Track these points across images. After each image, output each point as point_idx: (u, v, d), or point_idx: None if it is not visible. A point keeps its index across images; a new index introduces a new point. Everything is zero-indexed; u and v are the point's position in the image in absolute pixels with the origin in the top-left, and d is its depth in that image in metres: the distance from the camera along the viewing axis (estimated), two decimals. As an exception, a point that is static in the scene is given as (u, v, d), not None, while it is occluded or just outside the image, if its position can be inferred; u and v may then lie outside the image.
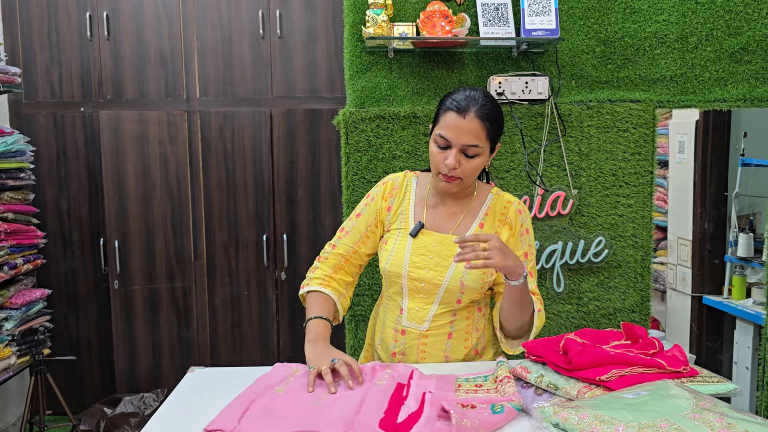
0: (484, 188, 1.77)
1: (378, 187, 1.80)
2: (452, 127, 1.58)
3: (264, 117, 3.65)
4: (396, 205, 1.76)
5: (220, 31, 3.67)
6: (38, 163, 3.63)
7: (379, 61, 2.43)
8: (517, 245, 1.72)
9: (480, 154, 1.61)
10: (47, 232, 3.65)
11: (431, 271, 1.66)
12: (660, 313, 4.25)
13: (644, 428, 1.04)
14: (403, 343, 1.71)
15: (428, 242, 1.68)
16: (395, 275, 1.69)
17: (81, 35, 3.65)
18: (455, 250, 1.64)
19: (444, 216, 1.72)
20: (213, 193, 3.69)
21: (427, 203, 1.74)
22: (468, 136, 1.58)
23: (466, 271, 1.64)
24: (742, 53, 2.47)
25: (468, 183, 1.67)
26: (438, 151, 1.62)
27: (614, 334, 1.49)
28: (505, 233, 1.71)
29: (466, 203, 1.73)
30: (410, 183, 1.78)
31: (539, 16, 2.30)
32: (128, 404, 3.44)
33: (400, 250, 1.69)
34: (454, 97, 1.61)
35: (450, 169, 1.60)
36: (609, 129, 2.46)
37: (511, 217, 1.72)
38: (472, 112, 1.57)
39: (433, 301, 1.68)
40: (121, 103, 3.68)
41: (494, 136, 1.63)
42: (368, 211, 1.78)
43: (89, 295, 3.79)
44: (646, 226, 2.51)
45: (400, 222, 1.73)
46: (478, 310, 1.75)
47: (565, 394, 1.36)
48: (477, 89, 1.63)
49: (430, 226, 1.71)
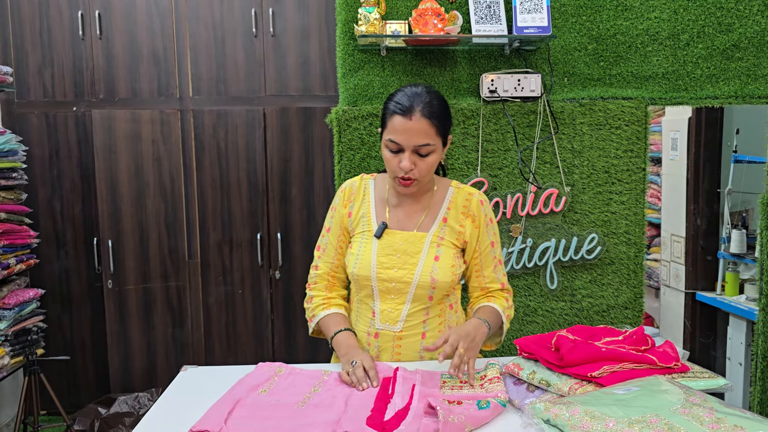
0: (443, 182, 1.78)
1: (337, 196, 1.80)
2: (400, 131, 1.57)
3: (257, 116, 3.65)
4: (356, 209, 1.75)
5: (213, 29, 3.66)
6: (31, 162, 3.62)
7: (371, 59, 2.42)
8: (484, 236, 1.74)
9: (433, 151, 1.61)
10: (40, 231, 3.63)
11: (400, 269, 1.66)
12: (654, 309, 4.26)
13: (634, 423, 1.05)
14: (377, 346, 1.70)
15: (394, 241, 1.68)
16: (364, 278, 1.68)
17: (73, 34, 3.63)
18: (422, 246, 1.67)
19: (407, 214, 1.73)
20: (207, 192, 3.68)
21: (388, 203, 1.74)
22: (418, 137, 1.57)
23: (436, 265, 1.66)
24: (734, 50, 2.48)
25: (425, 181, 1.68)
26: (391, 155, 1.62)
27: (606, 330, 1.50)
28: (469, 225, 1.72)
29: (427, 199, 1.74)
30: (368, 186, 1.78)
31: (531, 13, 2.30)
32: (123, 404, 3.43)
33: (367, 252, 1.68)
34: (396, 99, 1.59)
35: (406, 171, 1.60)
36: (601, 126, 2.47)
37: (474, 209, 1.73)
38: (417, 112, 1.56)
39: (405, 300, 1.68)
40: (113, 103, 3.67)
41: (444, 131, 1.63)
42: (334, 223, 1.78)
43: (83, 294, 3.78)
44: (638, 222, 2.51)
45: (363, 225, 1.73)
46: (449, 308, 1.76)
47: (557, 390, 1.37)
48: (419, 86, 1.63)
49: (394, 225, 1.71)
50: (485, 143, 2.45)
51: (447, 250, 1.69)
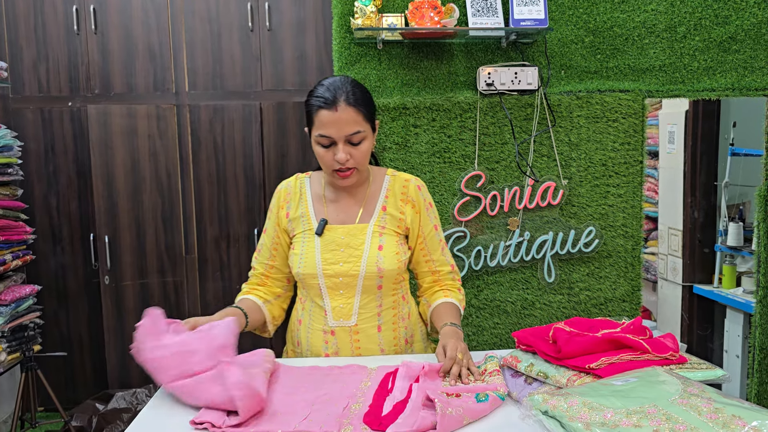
0: (379, 172, 1.78)
1: (273, 198, 1.79)
2: (328, 124, 1.57)
3: (254, 110, 3.64)
4: (293, 209, 1.74)
5: (209, 24, 3.65)
6: (26, 158, 3.60)
7: (368, 53, 2.42)
8: (426, 220, 1.75)
9: (365, 138, 1.61)
10: (36, 227, 3.62)
11: (345, 263, 1.66)
12: (651, 303, 4.27)
13: (632, 414, 1.05)
14: (335, 343, 1.69)
15: (336, 236, 1.68)
16: (310, 277, 1.67)
17: (68, 29, 3.62)
18: (364, 237, 1.67)
19: (346, 207, 1.72)
20: (203, 187, 3.67)
21: (325, 199, 1.73)
22: (347, 126, 1.57)
23: (381, 254, 1.66)
24: (731, 42, 2.47)
25: (363, 170, 1.68)
26: (324, 151, 1.61)
27: (604, 322, 1.50)
28: (409, 211, 1.73)
29: (363, 191, 1.74)
30: (303, 184, 1.77)
31: (528, 6, 2.29)
32: (120, 400, 3.43)
33: (310, 251, 1.67)
34: (318, 94, 1.59)
35: (343, 163, 1.59)
36: (598, 119, 2.47)
37: (412, 195, 1.74)
38: (342, 101, 1.56)
39: (355, 293, 1.67)
40: (109, 98, 3.66)
41: (371, 117, 1.63)
42: (270, 225, 1.78)
43: (80, 290, 3.77)
44: (636, 215, 2.51)
45: (303, 224, 1.72)
46: (402, 299, 1.76)
47: (555, 382, 1.37)
48: (336, 77, 1.62)
49: (334, 221, 1.70)
50: (482, 136, 2.45)
51: (390, 238, 1.69)
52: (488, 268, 2.48)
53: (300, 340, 1.75)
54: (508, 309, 2.52)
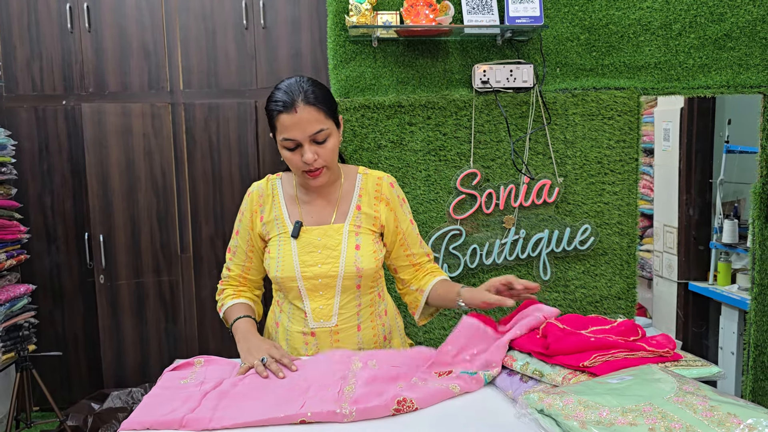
0: (350, 170, 1.77)
1: (245, 200, 1.77)
2: (290, 126, 1.55)
3: (249, 108, 3.62)
4: (267, 212, 1.72)
5: (203, 21, 3.63)
6: (20, 157, 3.58)
7: (363, 51, 2.41)
8: (402, 216, 1.77)
9: (329, 135, 1.60)
10: (31, 227, 3.61)
11: (324, 265, 1.65)
12: (647, 300, 4.28)
13: (628, 412, 1.04)
14: (315, 344, 1.69)
15: (312, 238, 1.67)
16: (289, 280, 1.66)
17: (61, 27, 3.60)
18: (341, 237, 1.67)
19: (320, 208, 1.71)
20: (199, 186, 3.66)
21: (299, 201, 1.72)
22: (309, 126, 1.55)
23: (358, 254, 1.66)
24: (726, 40, 2.47)
25: (333, 168, 1.67)
26: (291, 154, 1.60)
27: (595, 320, 1.50)
28: (383, 209, 1.73)
29: (336, 190, 1.73)
30: (275, 186, 1.75)
31: (523, 3, 2.29)
32: (116, 399, 3.42)
33: (287, 254, 1.66)
34: (275, 99, 1.57)
35: (310, 163, 1.58)
36: (594, 117, 2.46)
37: (386, 193, 1.74)
38: (300, 102, 1.54)
39: (335, 294, 1.67)
40: (103, 96, 3.64)
41: (332, 113, 1.62)
42: (243, 227, 1.76)
43: (75, 290, 3.76)
44: (631, 213, 2.51)
45: (278, 227, 1.70)
46: (378, 296, 1.77)
47: (550, 380, 1.37)
48: (291, 78, 1.60)
49: (309, 222, 1.70)
50: (478, 134, 2.44)
51: (366, 237, 1.69)
52: (484, 266, 2.48)
53: (279, 343, 1.75)
54: (504, 307, 2.51)
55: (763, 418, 0.99)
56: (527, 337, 1.49)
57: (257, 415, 1.26)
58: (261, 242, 1.75)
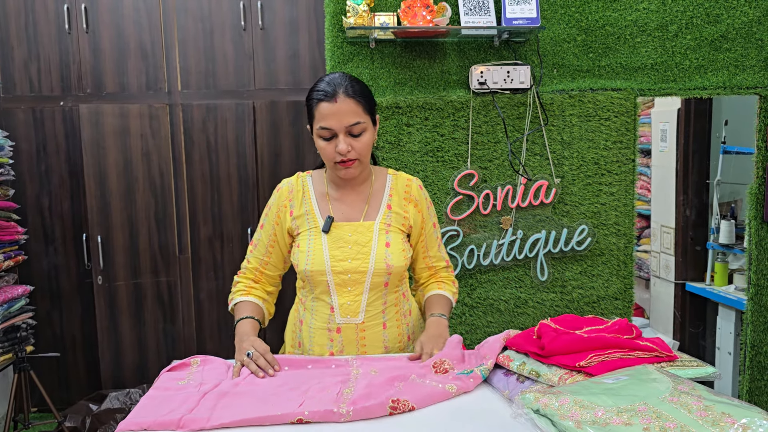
0: (380, 171, 1.81)
1: (273, 195, 1.79)
2: (329, 115, 1.59)
3: (247, 109, 3.63)
4: (297, 207, 1.74)
5: (201, 22, 3.64)
6: (18, 158, 3.58)
7: (360, 52, 2.41)
8: (427, 219, 1.80)
9: (365, 129, 1.64)
10: (28, 228, 3.61)
11: (354, 260, 1.67)
12: (644, 300, 4.28)
13: (623, 412, 1.05)
14: (340, 341, 1.69)
15: (343, 234, 1.69)
16: (318, 274, 1.67)
17: (59, 28, 3.60)
18: (371, 234, 1.69)
19: (350, 204, 1.74)
20: (197, 187, 3.66)
21: (329, 197, 1.74)
22: (347, 117, 1.59)
23: (389, 251, 1.68)
24: (722, 41, 2.48)
25: (365, 163, 1.70)
26: (325, 144, 1.63)
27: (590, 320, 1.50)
28: (412, 210, 1.76)
29: (367, 188, 1.76)
30: (306, 182, 1.78)
31: (520, 4, 2.30)
32: (114, 400, 3.42)
33: (317, 248, 1.68)
34: (318, 89, 1.62)
35: (344, 154, 1.61)
36: (591, 118, 2.47)
37: (415, 195, 1.78)
38: (341, 93, 1.59)
39: (363, 290, 1.68)
40: (101, 97, 3.64)
41: (370, 109, 1.66)
42: (268, 221, 1.78)
43: (72, 291, 3.76)
44: (628, 214, 2.52)
45: (308, 222, 1.72)
46: (402, 296, 1.78)
47: (546, 381, 1.37)
48: (335, 73, 1.65)
49: (340, 218, 1.72)
50: (475, 135, 2.45)
51: (395, 235, 1.71)
52: (481, 267, 2.49)
53: (302, 341, 1.76)
54: (501, 307, 2.52)
55: (757, 417, 1.00)
56: (523, 338, 1.49)
57: (255, 412, 1.27)
58: (288, 237, 1.76)
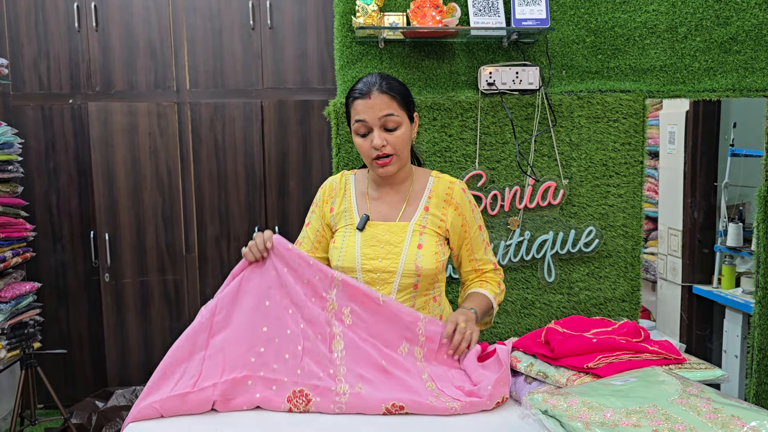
0: (422, 172, 1.80)
1: (319, 192, 1.84)
2: (363, 110, 1.63)
3: (255, 108, 3.64)
4: (338, 204, 1.78)
5: (210, 21, 3.65)
6: (26, 155, 3.60)
7: (369, 52, 2.42)
8: (471, 221, 1.77)
9: (400, 123, 1.65)
10: (36, 225, 3.62)
11: (384, 260, 1.68)
12: (650, 302, 4.27)
13: (632, 414, 1.05)
14: None
15: (377, 233, 1.70)
16: (349, 270, 1.69)
17: (69, 26, 3.61)
18: (404, 235, 1.70)
19: (388, 205, 1.75)
20: (204, 186, 3.67)
21: (368, 196, 1.77)
22: (380, 109, 1.62)
23: (420, 253, 1.68)
24: (732, 43, 2.47)
25: (403, 159, 1.70)
26: (362, 140, 1.66)
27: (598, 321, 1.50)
28: (451, 213, 1.75)
29: (406, 189, 1.76)
30: (348, 181, 1.81)
31: (529, 5, 2.29)
32: (120, 397, 3.43)
33: (350, 245, 1.70)
34: (354, 88, 1.67)
35: (379, 148, 1.63)
36: (599, 119, 2.47)
37: (457, 198, 1.76)
38: (375, 90, 1.63)
39: (391, 291, 1.68)
40: (110, 95, 3.65)
41: (407, 104, 1.68)
42: (314, 218, 1.82)
43: (80, 288, 3.77)
44: (636, 215, 2.51)
45: (346, 219, 1.75)
46: (433, 300, 1.76)
47: (554, 382, 1.37)
48: (373, 74, 1.69)
49: (376, 217, 1.73)
50: (483, 136, 2.45)
51: (430, 238, 1.71)
52: (488, 268, 2.49)
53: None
54: (508, 308, 2.52)
55: (767, 420, 1.00)
56: (531, 340, 1.49)
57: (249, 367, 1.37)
58: (329, 233, 1.80)
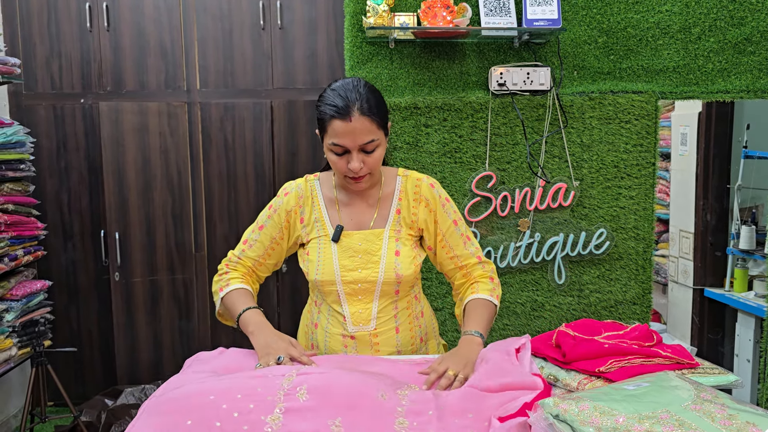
0: (390, 172, 1.74)
1: (279, 198, 1.73)
2: (342, 134, 1.52)
3: (265, 108, 3.64)
4: (307, 214, 1.71)
5: (221, 21, 3.65)
6: (38, 154, 3.62)
7: (379, 52, 2.41)
8: (443, 216, 1.71)
9: (378, 145, 1.58)
10: (48, 223, 3.64)
11: (364, 270, 1.64)
12: (661, 305, 4.24)
13: (644, 419, 1.04)
14: (354, 347, 1.67)
15: (353, 243, 1.66)
16: (329, 284, 1.65)
17: (81, 26, 3.63)
18: (381, 243, 1.65)
19: (360, 211, 1.70)
20: (213, 185, 3.68)
21: (338, 203, 1.71)
22: (362, 136, 1.53)
23: (398, 260, 1.65)
24: (746, 44, 2.45)
25: (376, 175, 1.66)
26: (337, 158, 1.57)
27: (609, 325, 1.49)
28: (422, 210, 1.70)
29: (377, 192, 1.72)
30: (314, 187, 1.73)
31: (541, 6, 2.28)
32: (129, 396, 3.44)
33: (327, 258, 1.65)
34: (330, 102, 1.54)
35: (356, 172, 1.57)
36: (611, 120, 2.45)
37: (425, 194, 1.70)
38: (355, 111, 1.51)
39: (373, 299, 1.66)
40: (121, 95, 3.67)
41: (384, 124, 1.60)
42: (271, 224, 1.72)
43: (90, 286, 3.79)
44: (647, 218, 2.50)
45: (318, 230, 1.69)
46: (414, 299, 1.75)
47: (565, 385, 1.36)
48: (347, 81, 1.57)
49: (350, 226, 1.68)
50: (494, 137, 2.44)
51: (405, 242, 1.68)
52: (498, 269, 2.47)
53: (317, 344, 1.74)
54: (518, 310, 2.51)
55: (783, 427, 0.98)
56: (542, 342, 1.48)
57: None
58: (294, 246, 1.74)
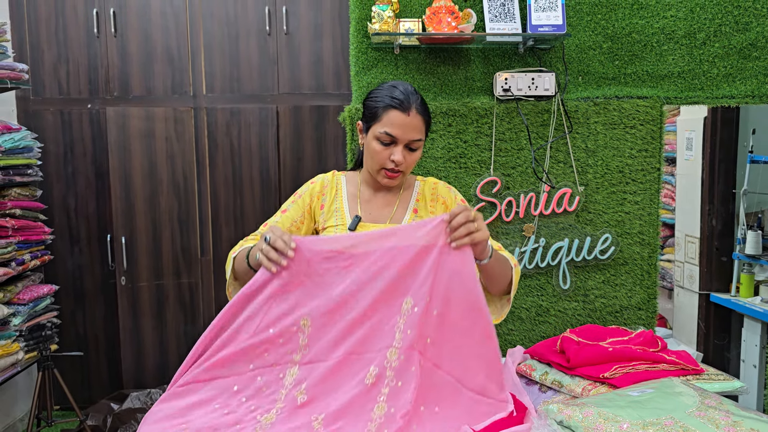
0: (410, 178, 1.85)
1: (306, 186, 1.83)
2: (398, 125, 1.62)
3: (270, 113, 3.65)
4: (329, 202, 1.79)
5: (227, 27, 3.67)
6: (45, 159, 3.64)
7: (385, 57, 2.42)
8: None
9: (421, 146, 1.68)
10: (54, 228, 3.66)
11: None
12: (667, 311, 4.22)
13: (649, 426, 1.04)
14: None
15: None
16: None
17: (88, 32, 3.66)
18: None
19: (378, 207, 1.77)
20: (219, 190, 3.69)
21: (360, 198, 1.79)
22: (414, 132, 1.64)
23: None
24: (751, 49, 2.45)
25: (407, 174, 1.75)
26: (382, 148, 1.65)
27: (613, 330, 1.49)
28: (439, 209, 1.78)
29: (397, 193, 1.79)
30: (340, 181, 1.83)
31: (546, 11, 2.28)
32: (135, 400, 3.45)
33: None
34: (393, 95, 1.64)
35: (398, 165, 1.64)
36: (616, 125, 2.45)
37: (443, 193, 1.79)
38: (414, 108, 1.63)
39: None
40: (127, 100, 3.69)
41: (428, 130, 1.71)
42: (294, 208, 1.79)
43: (96, 291, 3.81)
44: (653, 223, 2.49)
45: (336, 219, 1.76)
46: None
47: (569, 391, 1.36)
48: (407, 85, 1.68)
49: (367, 219, 1.75)
50: (498, 142, 2.44)
51: None
52: (503, 274, 2.47)
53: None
54: (523, 315, 2.50)
55: (788, 434, 0.98)
56: (546, 348, 1.48)
57: None
58: (309, 226, 1.79)
